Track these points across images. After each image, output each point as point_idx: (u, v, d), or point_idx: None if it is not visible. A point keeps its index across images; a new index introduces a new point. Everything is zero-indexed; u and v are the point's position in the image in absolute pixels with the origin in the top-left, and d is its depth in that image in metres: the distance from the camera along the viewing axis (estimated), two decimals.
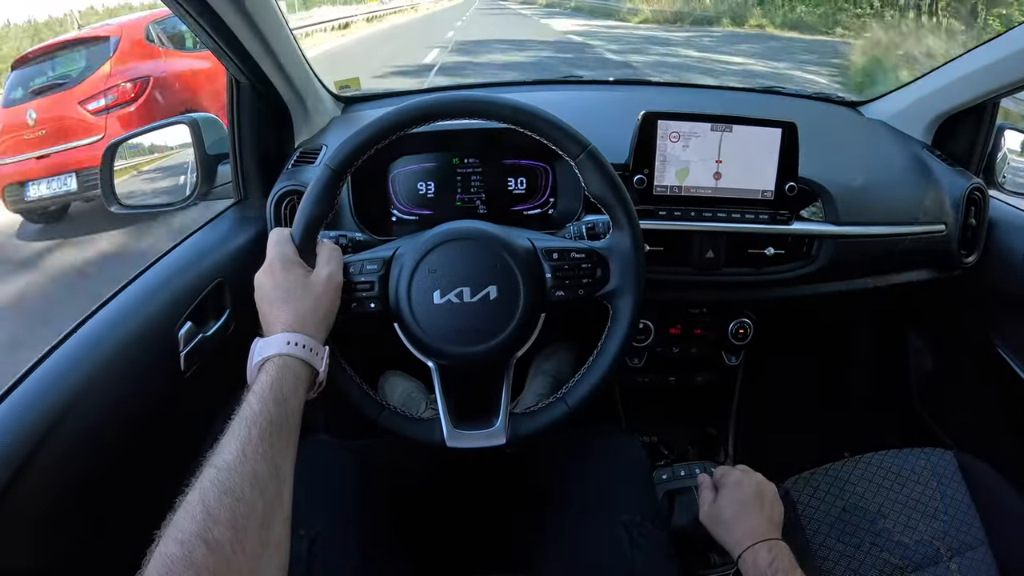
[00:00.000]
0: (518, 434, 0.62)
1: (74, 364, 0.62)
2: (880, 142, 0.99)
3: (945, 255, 0.91)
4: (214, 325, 0.78)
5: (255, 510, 0.43)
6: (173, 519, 0.41)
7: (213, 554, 0.40)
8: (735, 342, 0.94)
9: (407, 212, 0.90)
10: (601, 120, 0.91)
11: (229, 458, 0.45)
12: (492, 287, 0.60)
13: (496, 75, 7.43)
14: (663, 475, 0.89)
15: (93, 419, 0.61)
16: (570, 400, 0.63)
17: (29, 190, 3.34)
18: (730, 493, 0.70)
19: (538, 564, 0.68)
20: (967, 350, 1.02)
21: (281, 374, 0.52)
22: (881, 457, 0.83)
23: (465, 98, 0.62)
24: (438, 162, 0.89)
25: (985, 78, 0.89)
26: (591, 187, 0.63)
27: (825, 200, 0.86)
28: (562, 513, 0.70)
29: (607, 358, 0.63)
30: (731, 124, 0.81)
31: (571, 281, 0.62)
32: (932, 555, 0.75)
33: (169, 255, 0.80)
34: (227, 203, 0.95)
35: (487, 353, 0.61)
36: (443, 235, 0.62)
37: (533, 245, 0.63)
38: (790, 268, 0.87)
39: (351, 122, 1.03)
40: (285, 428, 0.49)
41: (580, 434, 0.77)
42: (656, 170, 0.82)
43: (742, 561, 0.64)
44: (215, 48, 0.77)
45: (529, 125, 0.61)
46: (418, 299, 0.60)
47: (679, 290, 0.87)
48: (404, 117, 0.60)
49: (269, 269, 0.58)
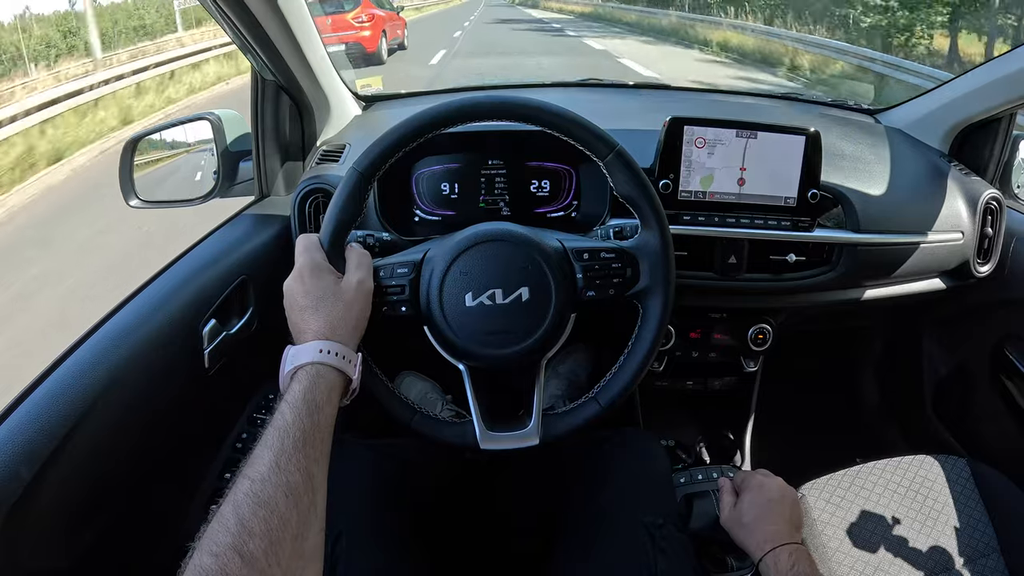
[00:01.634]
0: (551, 434, 0.62)
1: (98, 361, 0.62)
2: (898, 150, 1.00)
3: (961, 264, 0.92)
4: (238, 323, 0.78)
5: (290, 522, 0.43)
6: (207, 531, 0.41)
7: (248, 566, 0.39)
8: (754, 347, 0.94)
9: (430, 213, 0.90)
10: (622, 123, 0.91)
11: (263, 469, 0.44)
12: (524, 288, 0.60)
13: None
14: (681, 478, 0.89)
15: (117, 416, 0.61)
16: (602, 399, 0.63)
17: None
18: (752, 497, 0.70)
19: (560, 564, 0.68)
20: (981, 359, 1.02)
21: (314, 383, 0.51)
22: (895, 464, 0.83)
23: (495, 99, 0.62)
24: (462, 163, 0.89)
25: (1003, 89, 0.90)
26: (620, 187, 0.63)
27: (846, 208, 0.86)
28: (584, 514, 0.70)
29: (638, 357, 0.63)
30: (756, 131, 0.81)
31: (602, 281, 0.62)
32: (945, 562, 0.76)
33: (192, 252, 0.80)
34: (247, 200, 0.94)
35: (520, 355, 0.61)
36: (474, 237, 0.62)
37: (563, 246, 0.63)
38: (811, 275, 0.87)
39: (372, 121, 1.02)
40: (318, 437, 0.49)
41: (601, 436, 0.77)
42: (681, 175, 0.82)
43: (763, 565, 0.64)
44: (243, 44, 0.77)
45: (558, 126, 0.62)
46: (450, 302, 0.60)
47: (700, 295, 0.88)
48: (434, 120, 0.60)
49: (298, 276, 0.58)
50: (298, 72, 0.83)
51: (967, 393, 1.07)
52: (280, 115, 0.89)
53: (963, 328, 1.07)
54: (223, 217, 0.91)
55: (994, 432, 1.02)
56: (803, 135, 0.81)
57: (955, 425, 1.10)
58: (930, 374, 1.13)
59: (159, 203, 0.95)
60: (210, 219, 0.91)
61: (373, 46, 7.68)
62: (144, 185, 0.92)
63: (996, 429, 1.01)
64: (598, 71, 1.94)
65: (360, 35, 7.52)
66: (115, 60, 8.63)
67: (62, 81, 7.14)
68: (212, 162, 0.92)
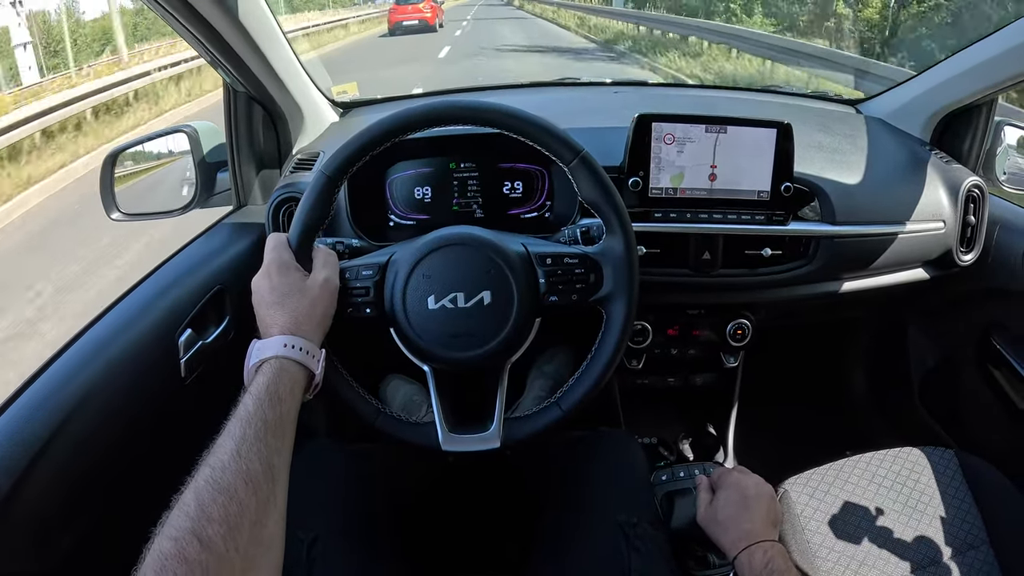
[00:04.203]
0: (512, 438, 0.62)
1: (75, 372, 0.63)
2: (878, 141, 0.99)
3: (944, 253, 0.91)
4: (214, 332, 0.79)
5: (248, 508, 0.44)
6: (168, 516, 0.42)
7: (206, 551, 0.40)
8: (733, 343, 0.94)
9: (404, 217, 0.90)
10: (598, 122, 0.91)
11: (224, 457, 0.46)
12: (486, 292, 0.60)
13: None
14: (663, 476, 0.89)
15: (94, 426, 0.62)
16: (564, 404, 0.63)
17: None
18: (727, 494, 0.70)
19: (535, 566, 0.68)
20: (967, 348, 1.01)
21: (277, 376, 0.52)
22: (882, 456, 0.82)
23: (457, 104, 0.62)
24: (434, 167, 0.89)
25: (982, 74, 0.89)
26: (584, 192, 0.63)
27: (821, 200, 0.86)
28: (559, 515, 0.70)
29: (600, 362, 0.63)
30: (725, 125, 0.81)
31: (565, 286, 0.62)
32: (933, 554, 0.75)
33: (169, 263, 0.81)
34: (226, 210, 0.95)
35: (481, 358, 0.61)
36: (437, 241, 0.62)
37: (527, 250, 0.63)
38: (787, 268, 0.87)
39: (349, 128, 1.03)
40: (280, 428, 0.50)
41: (578, 436, 0.77)
42: (651, 173, 0.82)
43: (738, 562, 0.64)
44: (211, 58, 0.78)
45: (522, 131, 0.62)
46: (413, 304, 0.61)
47: (676, 292, 0.87)
48: (397, 124, 0.61)
49: (266, 273, 0.59)
50: (267, 82, 0.83)
51: (955, 383, 1.05)
52: (253, 125, 0.89)
53: (949, 318, 1.06)
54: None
55: (982, 422, 1.01)
56: (775, 128, 0.81)
57: (943, 416, 1.09)
58: (917, 365, 1.12)
59: (140, 215, 0.96)
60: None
61: (433, 21, 13.46)
62: (125, 198, 0.94)
63: (984, 419, 1.00)
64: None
65: (425, 15, 13.46)
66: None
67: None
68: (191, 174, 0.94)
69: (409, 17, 13.30)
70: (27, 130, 5.42)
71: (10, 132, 5.23)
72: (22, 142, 5.37)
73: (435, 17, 13.47)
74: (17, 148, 5.31)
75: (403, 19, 13.38)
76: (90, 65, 9.07)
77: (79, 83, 7.05)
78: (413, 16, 13.15)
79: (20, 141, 5.34)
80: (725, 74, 6.12)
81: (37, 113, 5.63)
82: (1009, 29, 0.83)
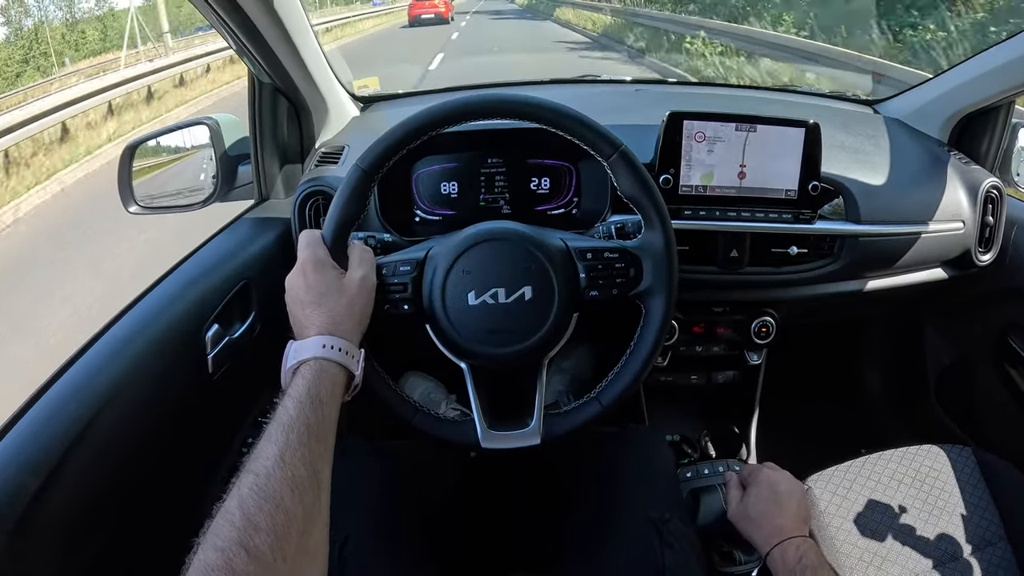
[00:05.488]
0: (552, 433, 0.62)
1: (101, 369, 0.62)
2: (898, 141, 0.99)
3: (963, 253, 0.92)
4: (240, 327, 0.78)
5: (295, 516, 0.43)
6: (211, 526, 0.41)
7: (254, 561, 0.39)
8: (757, 341, 0.94)
9: (430, 212, 0.89)
10: (622, 120, 0.91)
11: (268, 464, 0.44)
12: (527, 288, 0.60)
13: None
14: (687, 473, 0.89)
15: (122, 423, 0.61)
16: (604, 399, 0.63)
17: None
18: (758, 491, 0.70)
19: (567, 564, 0.69)
20: (984, 347, 1.02)
21: (317, 377, 0.51)
22: (901, 453, 0.83)
23: (497, 98, 0.61)
24: (461, 162, 0.88)
25: (1001, 77, 0.90)
26: (623, 187, 0.63)
27: (847, 199, 0.86)
28: (590, 512, 0.70)
29: (640, 357, 0.63)
30: (755, 124, 0.81)
31: (605, 281, 0.62)
32: (952, 551, 0.76)
33: (193, 257, 0.80)
34: (246, 204, 0.94)
35: (522, 354, 0.61)
36: (477, 236, 0.61)
37: (566, 245, 0.63)
38: (812, 267, 0.87)
39: (371, 122, 1.02)
40: (322, 432, 0.49)
41: (606, 433, 0.77)
42: (682, 170, 0.82)
43: (771, 558, 0.64)
44: (239, 47, 0.76)
45: (561, 125, 0.61)
46: (452, 300, 0.60)
47: (703, 289, 0.88)
48: (437, 118, 0.60)
49: (301, 271, 0.58)
50: (295, 74, 0.82)
51: (971, 382, 1.07)
52: (278, 118, 0.88)
53: (966, 318, 1.07)
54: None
55: (999, 421, 1.02)
56: (803, 127, 0.81)
57: (960, 414, 1.10)
58: (934, 364, 1.13)
59: (158, 209, 0.94)
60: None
61: (446, 15, 15.53)
62: (144, 191, 0.92)
63: (1001, 418, 1.01)
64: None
65: (440, 9, 15.44)
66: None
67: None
68: (212, 167, 0.92)
69: (426, 11, 15.59)
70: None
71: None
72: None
73: (448, 11, 15.88)
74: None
75: (421, 13, 15.65)
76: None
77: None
78: (430, 10, 15.54)
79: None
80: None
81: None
82: None
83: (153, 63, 8.40)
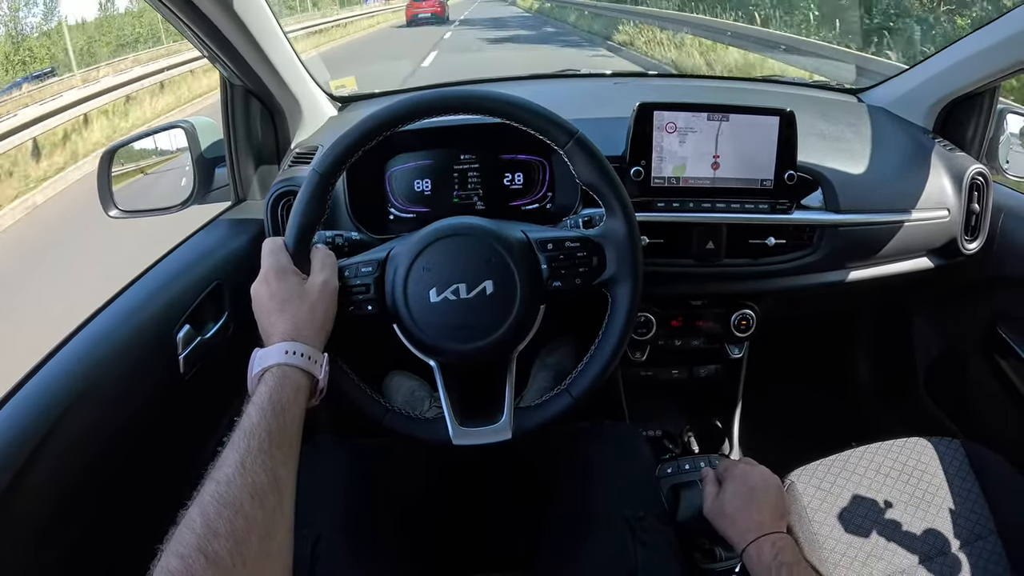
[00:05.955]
0: (523, 428, 0.61)
1: (73, 369, 0.62)
2: (881, 129, 0.98)
3: (949, 242, 0.90)
4: (212, 328, 0.78)
5: (255, 522, 0.43)
6: (175, 533, 0.42)
7: (213, 566, 0.40)
8: (738, 333, 0.93)
9: (404, 210, 0.89)
10: (599, 113, 0.90)
11: (229, 471, 0.45)
12: (488, 282, 0.59)
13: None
14: (668, 469, 0.88)
15: (92, 423, 0.61)
16: (574, 391, 0.62)
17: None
18: (734, 487, 0.69)
19: (542, 561, 0.68)
20: (973, 337, 1.00)
21: (280, 384, 0.52)
22: (888, 447, 0.82)
23: (447, 94, 0.61)
24: (435, 159, 0.88)
25: (984, 61, 0.88)
26: (581, 175, 0.62)
27: (825, 188, 0.85)
28: (565, 510, 0.70)
29: (608, 347, 0.62)
30: (727, 113, 0.80)
31: (567, 271, 0.61)
32: (941, 545, 0.74)
33: (167, 259, 0.81)
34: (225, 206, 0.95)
35: (487, 349, 0.60)
36: (435, 232, 0.61)
37: (527, 236, 0.62)
38: (792, 258, 0.86)
39: (347, 122, 1.01)
40: (285, 438, 0.49)
41: (583, 429, 0.77)
42: (653, 162, 0.81)
43: (746, 555, 0.63)
44: (208, 52, 0.77)
45: (514, 116, 0.61)
46: (414, 298, 0.60)
47: (679, 282, 0.87)
48: (387, 118, 0.60)
49: (264, 279, 0.58)
50: (265, 77, 0.83)
51: (961, 373, 1.05)
52: (251, 120, 0.89)
53: (954, 307, 1.06)
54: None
55: (989, 412, 1.01)
56: (777, 115, 0.80)
57: (949, 406, 1.08)
58: (923, 355, 1.12)
59: (138, 212, 0.95)
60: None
61: (441, 13, 16.31)
62: (124, 195, 0.93)
63: (991, 409, 0.99)
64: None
65: (436, 8, 16.17)
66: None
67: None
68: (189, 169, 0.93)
69: (423, 10, 16.38)
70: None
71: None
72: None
73: (443, 10, 16.74)
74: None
75: (418, 12, 16.45)
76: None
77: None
78: (427, 9, 16.39)
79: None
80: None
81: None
82: (1012, 15, 0.83)
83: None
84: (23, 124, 5.54)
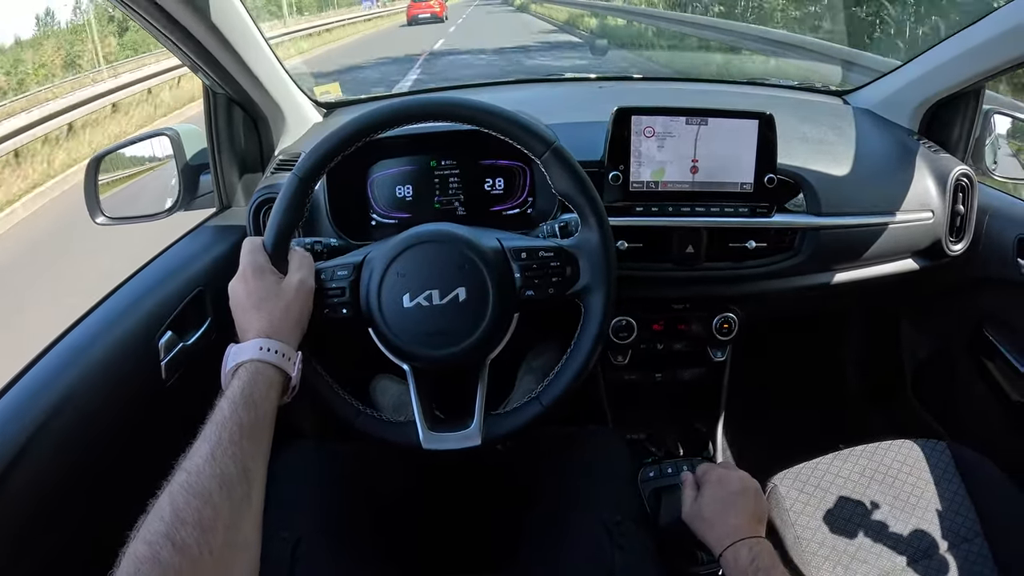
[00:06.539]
0: (493, 435, 0.62)
1: (54, 377, 0.63)
2: (865, 131, 0.98)
3: (933, 243, 0.90)
4: (195, 334, 0.78)
5: (222, 511, 0.44)
6: (144, 521, 0.43)
7: (180, 554, 0.41)
8: (720, 337, 0.93)
9: (386, 216, 0.90)
10: (582, 117, 0.91)
11: (199, 461, 0.46)
12: (461, 289, 0.60)
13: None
14: (650, 472, 0.88)
15: (73, 430, 0.62)
16: (544, 399, 0.62)
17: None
18: (711, 491, 0.69)
19: (521, 564, 0.68)
20: (960, 340, 1.00)
21: (253, 379, 0.53)
22: (873, 449, 0.81)
23: (426, 101, 0.62)
24: (416, 165, 0.89)
25: (968, 62, 0.88)
26: (557, 184, 0.62)
27: (806, 191, 0.85)
28: (544, 513, 0.70)
29: (580, 356, 0.62)
30: (706, 117, 0.80)
31: (540, 280, 0.62)
32: (927, 548, 0.74)
33: (150, 265, 0.81)
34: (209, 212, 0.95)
35: (459, 355, 0.61)
36: (411, 238, 0.62)
37: (501, 245, 0.63)
38: (773, 261, 0.86)
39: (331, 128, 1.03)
40: (256, 432, 0.50)
41: (563, 433, 0.77)
42: (631, 167, 0.81)
43: (723, 560, 0.63)
44: (187, 61, 0.77)
45: (491, 124, 0.61)
46: (388, 303, 0.60)
47: (660, 286, 0.87)
48: (366, 124, 0.61)
49: (242, 277, 0.59)
50: (247, 85, 0.83)
51: (947, 375, 1.04)
52: (234, 127, 0.89)
53: (941, 310, 1.05)
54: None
55: (975, 414, 1.00)
56: (756, 119, 0.80)
57: (936, 408, 1.08)
58: (909, 357, 1.11)
59: (124, 219, 0.96)
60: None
61: (441, 14, 16.74)
62: (111, 202, 0.94)
63: (977, 411, 0.99)
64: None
65: (435, 9, 16.68)
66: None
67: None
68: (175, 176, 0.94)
69: (423, 11, 16.90)
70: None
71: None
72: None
73: (441, 11, 17.26)
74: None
75: (418, 13, 16.94)
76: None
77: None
78: (426, 10, 16.93)
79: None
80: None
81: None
82: (996, 15, 0.82)
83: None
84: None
